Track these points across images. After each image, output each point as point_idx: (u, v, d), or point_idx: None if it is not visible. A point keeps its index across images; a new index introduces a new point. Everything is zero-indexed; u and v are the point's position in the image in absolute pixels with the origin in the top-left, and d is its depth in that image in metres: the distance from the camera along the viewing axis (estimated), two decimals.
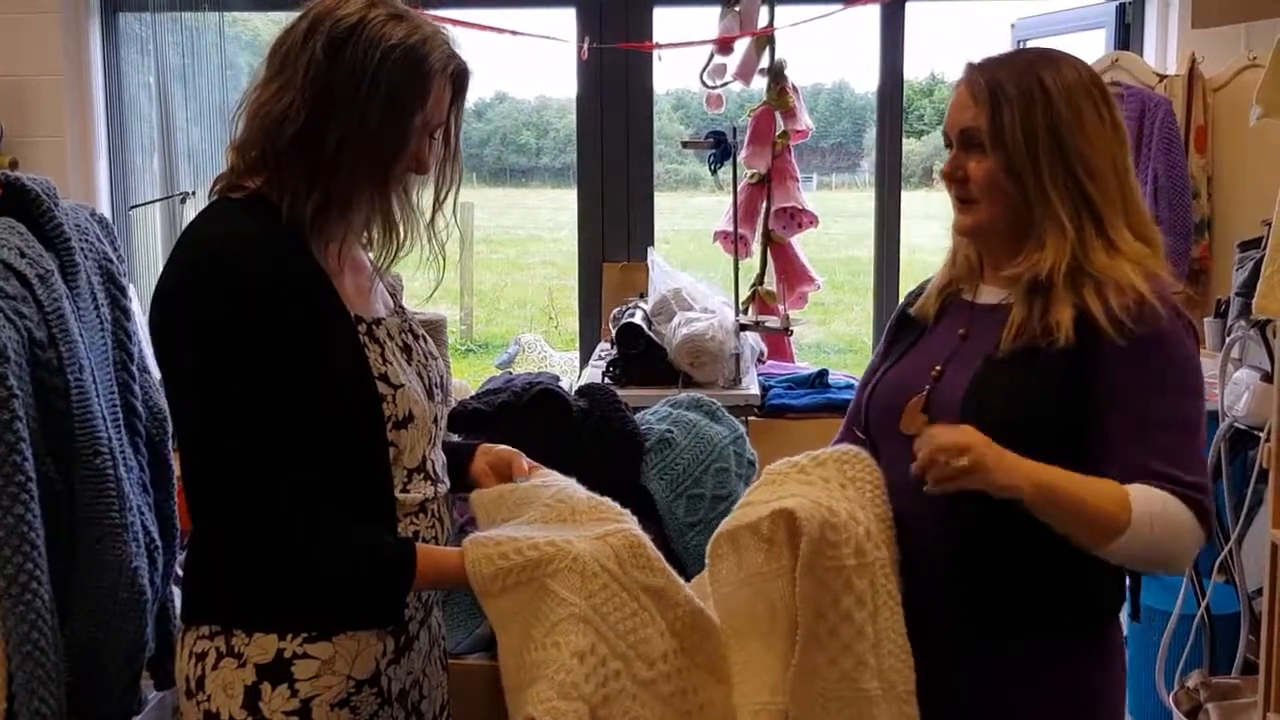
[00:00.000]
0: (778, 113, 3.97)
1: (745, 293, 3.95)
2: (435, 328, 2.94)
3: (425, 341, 1.65)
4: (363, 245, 1.58)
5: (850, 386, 3.35)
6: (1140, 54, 4.06)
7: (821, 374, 3.65)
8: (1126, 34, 4.17)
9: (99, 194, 4.13)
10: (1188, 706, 2.75)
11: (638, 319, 3.37)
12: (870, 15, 4.14)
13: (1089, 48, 4.18)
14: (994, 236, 1.60)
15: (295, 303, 1.42)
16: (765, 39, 3.93)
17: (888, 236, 4.28)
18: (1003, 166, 1.53)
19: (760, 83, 3.99)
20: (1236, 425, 2.71)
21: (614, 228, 4.25)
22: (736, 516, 1.56)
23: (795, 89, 3.99)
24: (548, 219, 13.58)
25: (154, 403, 2.13)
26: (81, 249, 1.96)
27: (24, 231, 1.85)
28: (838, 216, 10.95)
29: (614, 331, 3.42)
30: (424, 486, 1.56)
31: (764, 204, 4.02)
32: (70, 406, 1.81)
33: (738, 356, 3.29)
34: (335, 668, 1.47)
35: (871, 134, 4.43)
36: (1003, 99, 1.53)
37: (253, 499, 1.41)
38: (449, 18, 3.51)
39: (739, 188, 3.79)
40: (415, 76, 1.45)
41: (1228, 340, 2.83)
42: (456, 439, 2.05)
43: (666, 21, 4.18)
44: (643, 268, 3.97)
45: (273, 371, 1.39)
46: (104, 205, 4.13)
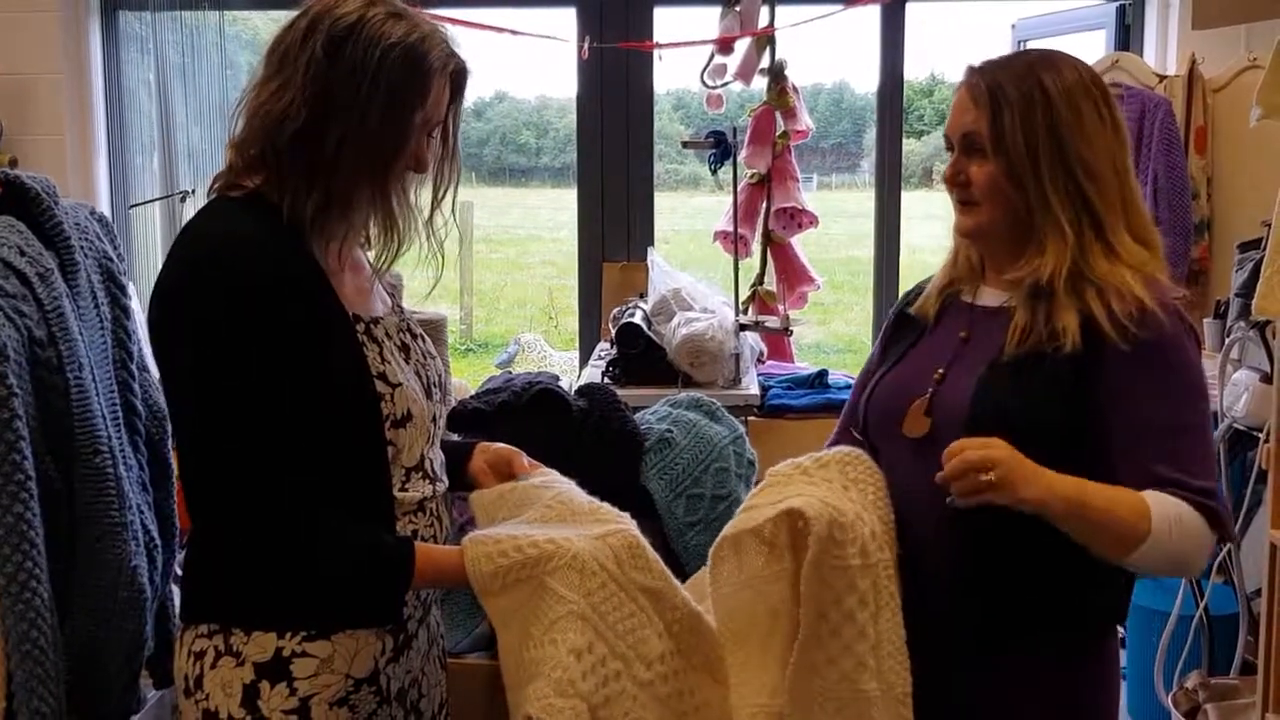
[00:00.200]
0: (778, 113, 3.97)
1: (745, 293, 3.95)
2: (435, 327, 2.93)
3: (423, 340, 1.65)
4: (361, 245, 1.58)
5: (850, 387, 3.35)
6: (1140, 55, 4.06)
7: (821, 374, 3.65)
8: (1126, 35, 4.17)
9: (98, 192, 4.13)
10: (1186, 707, 2.75)
11: (637, 319, 3.37)
12: (870, 15, 4.14)
13: (1089, 48, 4.18)
14: (995, 238, 1.60)
15: (293, 301, 1.42)
16: (765, 39, 3.93)
17: (887, 237, 4.28)
18: (1004, 170, 1.53)
19: (760, 83, 3.99)
20: (1235, 426, 2.71)
21: (614, 227, 4.25)
22: (741, 520, 1.55)
23: (795, 89, 3.99)
24: (548, 219, 13.57)
25: (154, 401, 2.13)
26: (81, 247, 1.96)
27: (24, 230, 1.85)
28: (838, 217, 10.94)
29: (614, 331, 3.42)
30: (422, 485, 1.56)
31: (764, 204, 4.02)
32: (70, 405, 1.81)
33: (737, 356, 3.29)
34: (334, 666, 1.47)
35: (871, 134, 4.43)
36: (1003, 102, 1.52)
37: (251, 497, 1.41)
38: (450, 17, 3.52)
39: (739, 188, 3.79)
40: (415, 75, 1.45)
41: (1227, 341, 2.83)
42: (456, 438, 2.05)
43: (667, 21, 4.19)
44: (642, 267, 3.97)
45: (271, 370, 1.39)
46: (103, 204, 4.12)
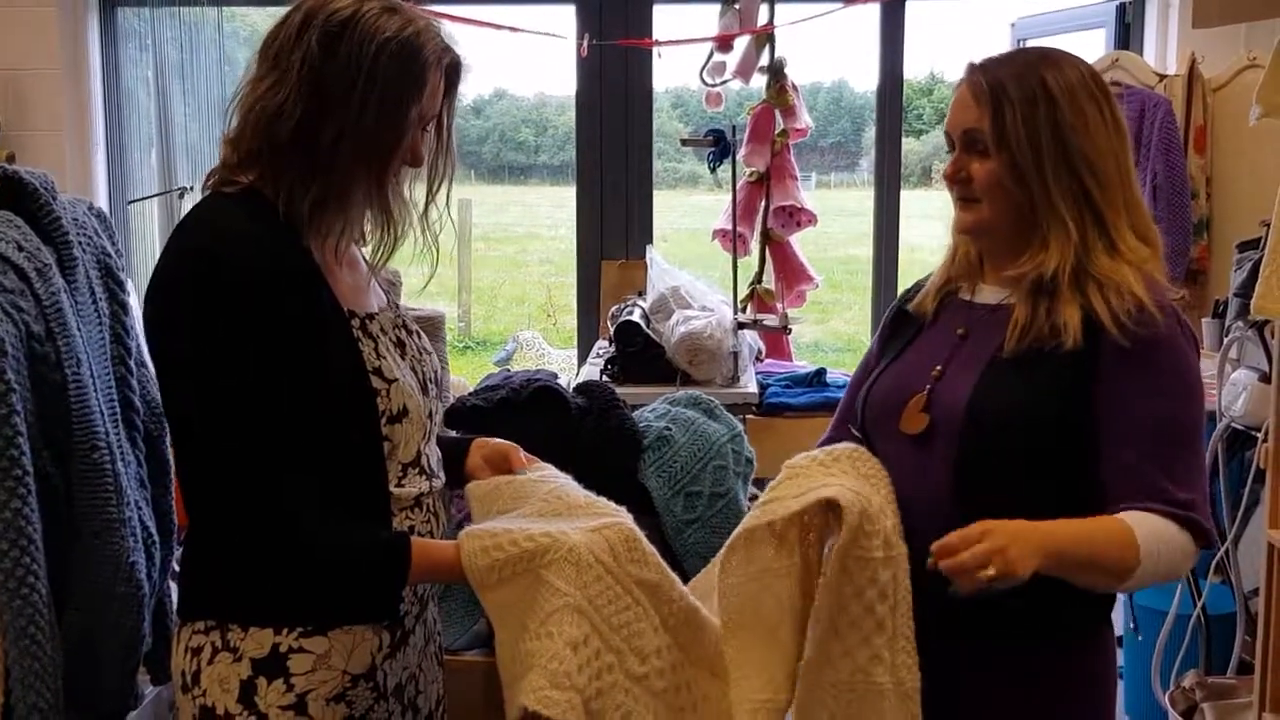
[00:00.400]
0: (777, 111, 3.97)
1: (744, 291, 3.95)
2: (433, 324, 2.93)
3: (419, 337, 1.65)
4: (356, 241, 1.58)
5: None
6: (1140, 54, 4.06)
7: (819, 373, 3.66)
8: (1126, 34, 4.17)
9: (97, 188, 4.13)
10: (1183, 706, 2.75)
11: (636, 317, 3.37)
12: (870, 14, 4.14)
13: (1089, 47, 4.19)
14: (996, 236, 1.59)
15: (289, 297, 1.41)
16: (765, 37, 3.93)
17: (886, 235, 4.28)
18: (1007, 168, 1.52)
19: (759, 81, 3.99)
20: (1234, 425, 2.71)
21: (613, 225, 4.25)
22: (765, 511, 1.53)
23: (794, 87, 3.99)
24: (546, 216, 13.56)
25: (152, 397, 2.13)
26: (80, 243, 1.96)
27: (22, 225, 1.84)
28: (836, 215, 10.95)
29: (612, 329, 3.42)
30: (419, 481, 1.56)
31: (763, 202, 4.02)
32: (68, 401, 1.80)
33: (736, 354, 3.29)
34: (331, 662, 1.47)
35: (871, 133, 4.43)
36: (1005, 100, 1.51)
37: (247, 493, 1.40)
38: (449, 14, 3.51)
39: (738, 186, 3.79)
40: (410, 69, 1.45)
41: (1226, 341, 2.83)
42: (454, 435, 2.05)
43: (666, 19, 4.19)
44: (641, 265, 3.98)
45: (266, 366, 1.39)
46: (102, 200, 4.12)
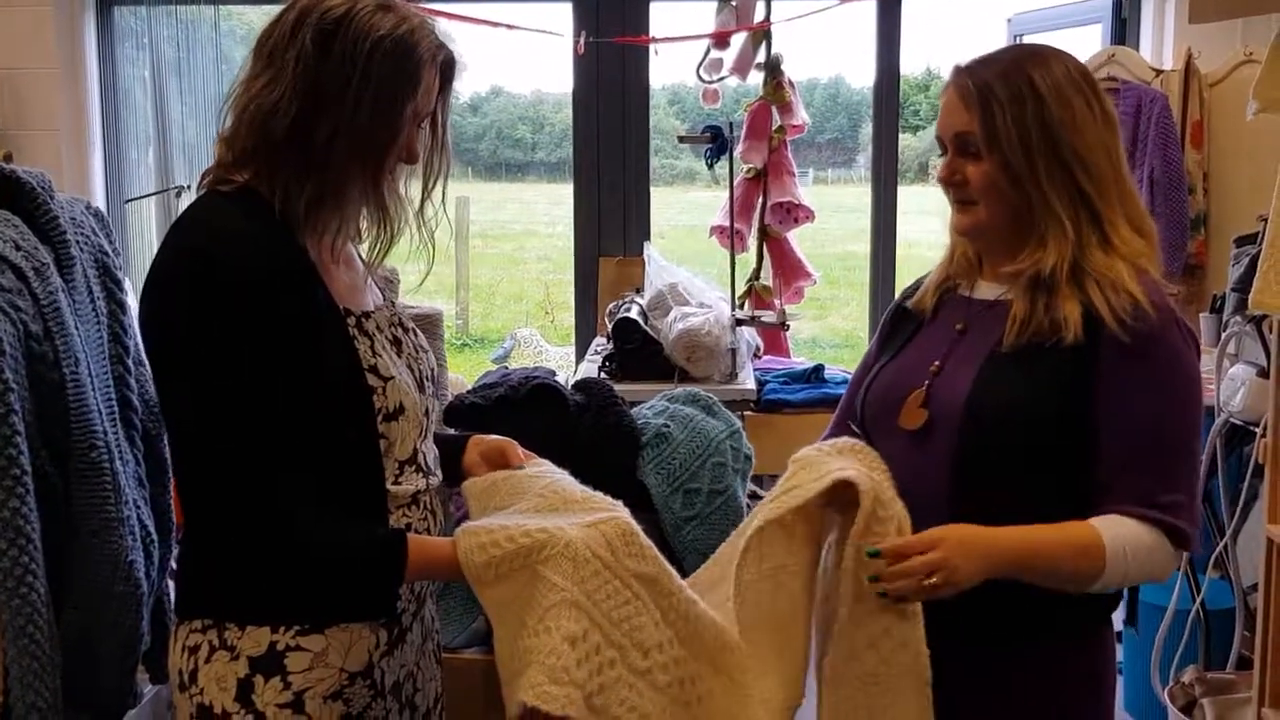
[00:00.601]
0: (774, 107, 3.97)
1: (741, 288, 3.95)
2: (431, 322, 2.93)
3: (415, 334, 1.65)
4: (352, 239, 1.58)
5: (846, 382, 3.36)
6: (1136, 49, 4.07)
7: (817, 369, 3.66)
8: (1123, 29, 4.18)
9: (94, 187, 4.13)
10: (1183, 701, 2.75)
11: (634, 314, 3.37)
12: (866, 10, 4.14)
13: (1085, 43, 4.19)
14: (993, 236, 1.59)
15: (285, 296, 1.41)
16: (761, 34, 3.94)
17: (884, 231, 4.29)
18: (1000, 169, 1.52)
19: (756, 77, 3.99)
20: (1232, 420, 2.71)
21: (610, 222, 4.25)
22: (783, 501, 1.52)
23: (791, 84, 3.99)
24: (543, 214, 13.57)
25: (150, 396, 2.12)
26: (77, 242, 1.96)
27: (19, 224, 1.84)
28: (834, 211, 10.96)
29: (610, 326, 3.42)
30: (415, 479, 1.56)
31: (760, 199, 4.02)
32: (66, 400, 1.80)
33: (734, 351, 3.29)
34: (328, 660, 1.47)
35: (867, 129, 4.44)
36: (993, 101, 1.51)
37: (243, 492, 1.40)
38: (446, 11, 3.52)
39: (735, 183, 3.79)
40: (405, 67, 1.45)
41: (1224, 336, 2.83)
42: (452, 433, 2.05)
43: (663, 16, 4.19)
44: (639, 262, 3.98)
45: (263, 365, 1.39)
46: (99, 199, 4.12)
